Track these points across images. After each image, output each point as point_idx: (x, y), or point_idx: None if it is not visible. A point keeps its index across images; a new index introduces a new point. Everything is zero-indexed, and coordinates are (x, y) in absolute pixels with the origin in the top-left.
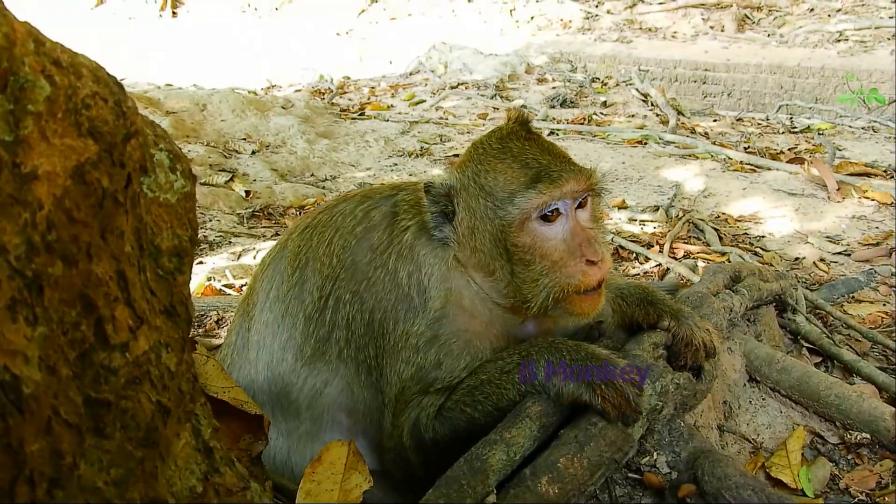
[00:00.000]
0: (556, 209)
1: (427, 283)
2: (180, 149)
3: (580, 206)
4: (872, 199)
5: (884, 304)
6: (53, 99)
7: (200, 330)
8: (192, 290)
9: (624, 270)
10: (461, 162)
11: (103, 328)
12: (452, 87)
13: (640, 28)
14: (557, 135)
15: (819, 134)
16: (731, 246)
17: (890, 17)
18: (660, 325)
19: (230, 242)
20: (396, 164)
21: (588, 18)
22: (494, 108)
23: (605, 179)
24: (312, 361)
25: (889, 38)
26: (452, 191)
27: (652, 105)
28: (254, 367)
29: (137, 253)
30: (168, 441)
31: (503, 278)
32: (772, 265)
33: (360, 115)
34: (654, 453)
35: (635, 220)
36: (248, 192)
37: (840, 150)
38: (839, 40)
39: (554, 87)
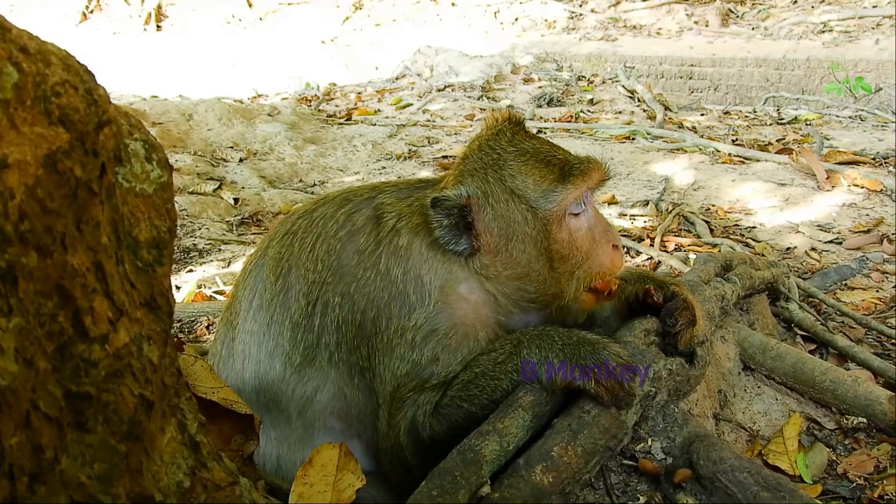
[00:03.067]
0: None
1: (424, 278)
2: (156, 139)
3: None
4: (862, 187)
5: (877, 291)
6: (21, 86)
7: (190, 336)
8: (182, 298)
9: None
10: (471, 170)
11: (81, 320)
12: (439, 90)
13: (625, 26)
14: (545, 133)
15: (807, 124)
16: (722, 237)
17: (874, 7)
18: (655, 296)
19: (220, 250)
20: (385, 168)
21: (572, 18)
22: (481, 109)
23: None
24: (302, 368)
25: (873, 28)
26: (471, 201)
27: (639, 101)
28: (240, 376)
29: (115, 244)
30: (153, 435)
31: (538, 278)
32: (763, 255)
33: (347, 120)
34: (649, 440)
35: (625, 215)
36: (236, 200)
37: (828, 139)
38: (823, 31)
39: (540, 87)
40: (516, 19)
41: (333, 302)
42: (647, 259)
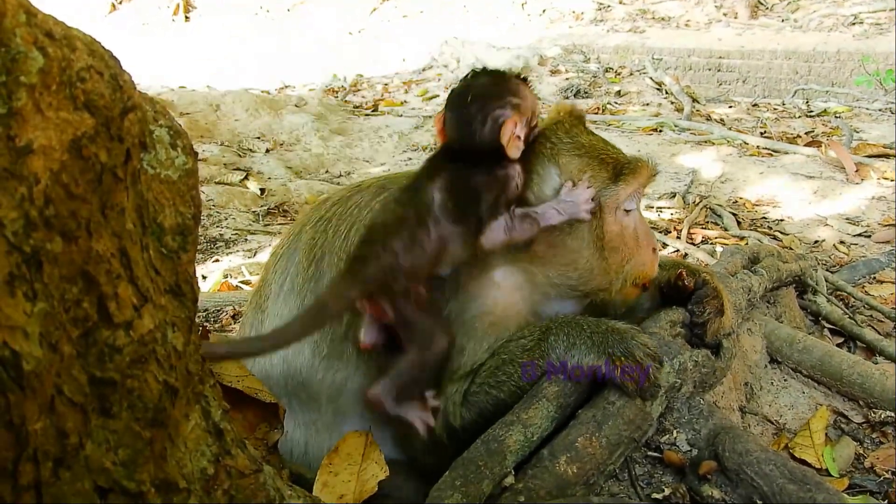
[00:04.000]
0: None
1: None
2: (181, 125)
3: None
4: (891, 180)
5: None
6: (47, 71)
7: (216, 325)
8: (208, 288)
9: None
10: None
11: (106, 306)
12: None
13: (653, 17)
14: None
15: (836, 117)
16: (750, 230)
17: None
18: (686, 280)
19: (246, 240)
20: (411, 159)
21: (600, 9)
22: None
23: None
24: (331, 357)
25: None
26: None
27: (666, 93)
28: (268, 360)
29: (140, 230)
30: (177, 422)
31: (586, 265)
32: (791, 248)
33: (373, 111)
34: (674, 431)
35: (652, 207)
36: (262, 190)
37: (857, 132)
38: (854, 23)
39: (567, 79)
40: (544, 11)
41: None
42: (675, 251)
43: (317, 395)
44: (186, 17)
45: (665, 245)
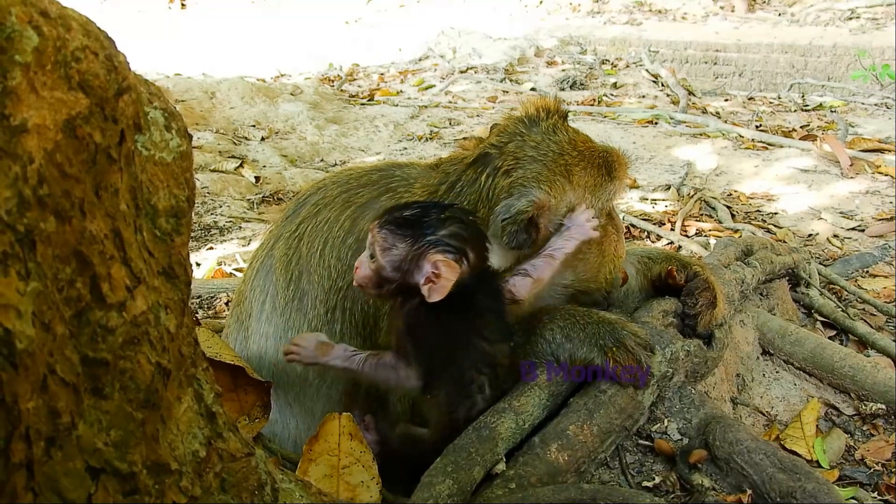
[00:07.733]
0: None
1: None
2: (175, 108)
3: None
4: (886, 175)
5: None
6: (42, 50)
7: (210, 312)
8: (202, 275)
9: None
10: (544, 177)
11: (99, 287)
12: (462, 72)
13: (650, 10)
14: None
15: (831, 111)
16: (744, 223)
17: None
18: (677, 277)
19: (240, 228)
20: (406, 149)
21: (597, 1)
22: (504, 91)
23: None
24: (325, 370)
25: None
26: (543, 209)
27: (662, 86)
28: (259, 352)
29: (133, 212)
30: (169, 404)
31: (585, 266)
32: (785, 241)
33: (369, 100)
34: (665, 420)
35: (647, 199)
36: (257, 178)
37: (853, 126)
38: (851, 18)
39: (564, 70)
40: (541, 2)
41: (354, 308)
42: (668, 243)
43: (311, 408)
44: (183, 4)
45: (659, 237)
